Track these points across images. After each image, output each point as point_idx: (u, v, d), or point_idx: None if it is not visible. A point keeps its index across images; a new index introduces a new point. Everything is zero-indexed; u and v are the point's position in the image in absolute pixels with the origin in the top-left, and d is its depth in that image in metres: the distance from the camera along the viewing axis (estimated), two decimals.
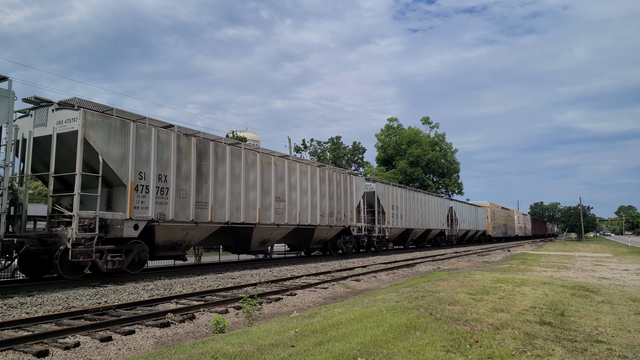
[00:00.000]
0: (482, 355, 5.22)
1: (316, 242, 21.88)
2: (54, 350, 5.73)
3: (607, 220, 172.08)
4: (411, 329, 6.14)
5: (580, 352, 5.66)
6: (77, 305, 8.66)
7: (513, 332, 6.42)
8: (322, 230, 21.33)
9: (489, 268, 17.69)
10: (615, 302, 9.35)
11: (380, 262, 20.00)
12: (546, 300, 9.23)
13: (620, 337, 6.52)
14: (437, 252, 29.03)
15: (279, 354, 4.98)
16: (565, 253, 30.21)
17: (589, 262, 21.26)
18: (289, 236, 20.10)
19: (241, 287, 11.21)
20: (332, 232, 22.35)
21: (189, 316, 7.83)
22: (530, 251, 33.42)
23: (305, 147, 60.28)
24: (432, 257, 24.01)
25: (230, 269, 15.97)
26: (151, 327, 7.12)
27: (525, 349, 5.60)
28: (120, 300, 9.30)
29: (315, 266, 17.57)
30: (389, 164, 68.09)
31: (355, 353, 5.02)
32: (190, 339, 6.66)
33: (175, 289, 10.84)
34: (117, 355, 5.83)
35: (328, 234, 22.20)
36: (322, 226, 20.94)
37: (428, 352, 5.18)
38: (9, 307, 8.36)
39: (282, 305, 9.50)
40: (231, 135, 49.68)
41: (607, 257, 25.38)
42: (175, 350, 5.25)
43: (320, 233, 21.40)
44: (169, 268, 16.84)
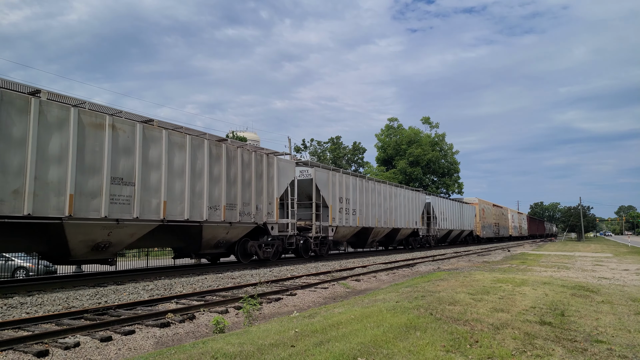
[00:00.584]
0: (482, 355, 5.22)
1: (211, 246, 15.98)
2: (54, 350, 5.73)
3: (607, 220, 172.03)
4: (411, 329, 6.14)
5: (581, 352, 5.65)
6: (77, 305, 8.66)
7: (513, 332, 6.42)
8: (216, 230, 15.45)
9: (489, 268, 17.69)
10: (615, 302, 9.35)
11: (380, 262, 19.99)
12: (546, 300, 9.23)
13: (620, 337, 6.52)
14: (437, 253, 29.01)
15: (279, 354, 4.98)
16: (565, 253, 30.20)
17: (589, 262, 21.26)
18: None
19: (241, 287, 11.21)
20: (236, 231, 16.47)
21: (189, 316, 7.83)
22: (530, 251, 33.42)
23: (305, 147, 60.30)
24: (432, 257, 24.01)
25: (230, 269, 15.97)
26: (151, 327, 7.12)
27: (525, 349, 5.60)
28: (120, 300, 9.30)
29: (315, 266, 17.58)
30: (389, 164, 68.10)
31: (356, 353, 5.02)
32: (190, 339, 6.66)
33: (175, 289, 10.84)
34: (117, 355, 5.83)
35: (230, 235, 16.23)
36: (214, 223, 15.12)
37: (428, 352, 5.18)
38: (9, 307, 8.36)
39: (282, 305, 9.50)
40: (231, 135, 49.70)
41: (607, 257, 25.38)
42: (176, 350, 5.25)
43: (214, 233, 15.52)
44: (169, 268, 16.84)
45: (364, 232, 25.99)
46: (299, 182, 21.09)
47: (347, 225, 23.59)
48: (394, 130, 69.63)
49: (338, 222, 22.57)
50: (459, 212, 43.06)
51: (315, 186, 21.23)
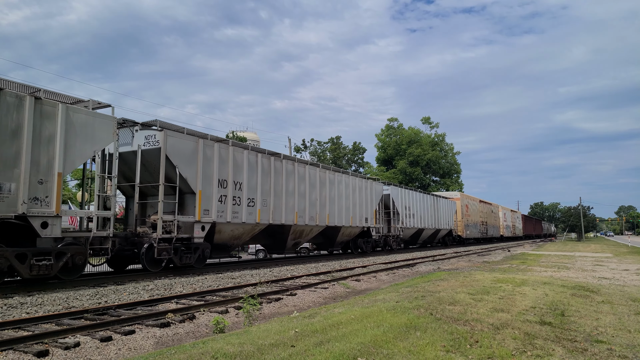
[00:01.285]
0: (482, 355, 5.22)
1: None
2: (54, 350, 5.73)
3: (607, 220, 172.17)
4: (411, 329, 6.14)
5: (581, 352, 5.65)
6: (77, 305, 8.66)
7: (513, 332, 6.42)
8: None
9: (489, 268, 17.68)
10: (616, 302, 9.35)
11: (380, 262, 19.99)
12: (546, 300, 9.23)
13: (621, 337, 6.52)
14: (437, 253, 29.00)
15: (279, 354, 4.98)
16: (565, 253, 30.20)
17: (589, 262, 21.26)
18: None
19: (241, 287, 11.21)
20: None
21: (189, 316, 7.83)
22: (530, 251, 33.43)
23: (305, 147, 60.31)
24: (432, 257, 24.01)
25: (230, 269, 15.96)
26: (151, 327, 7.12)
27: (525, 349, 5.60)
28: (120, 300, 9.30)
29: (315, 266, 17.57)
30: (389, 164, 68.15)
31: (356, 353, 5.02)
32: (190, 339, 6.66)
33: (175, 289, 10.84)
34: (117, 355, 5.83)
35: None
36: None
37: (428, 352, 5.18)
38: (9, 307, 8.36)
39: (282, 305, 9.50)
40: (231, 135, 49.69)
41: (607, 257, 25.37)
42: (176, 350, 5.25)
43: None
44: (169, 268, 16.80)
45: (279, 231, 19.18)
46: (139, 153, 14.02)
47: (238, 222, 16.32)
48: (394, 130, 69.69)
49: (216, 216, 15.35)
50: (433, 208, 36.17)
51: (166, 160, 13.84)
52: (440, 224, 37.86)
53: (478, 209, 49.83)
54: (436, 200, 37.32)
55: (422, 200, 34.00)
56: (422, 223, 33.67)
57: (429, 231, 35.70)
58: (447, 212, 39.61)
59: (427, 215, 34.82)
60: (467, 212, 45.35)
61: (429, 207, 35.27)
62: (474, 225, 47.27)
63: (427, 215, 34.66)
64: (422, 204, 34.05)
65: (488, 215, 54.66)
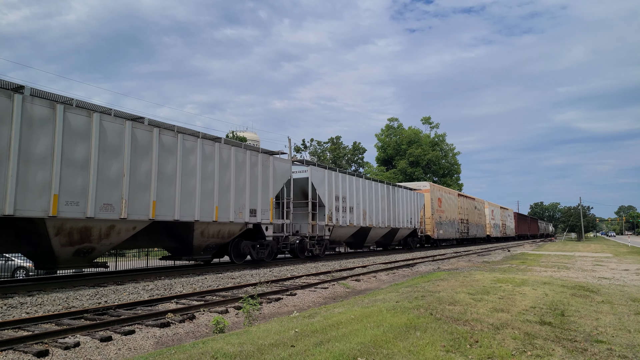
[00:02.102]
0: (482, 355, 5.22)
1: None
2: (54, 350, 5.73)
3: (607, 220, 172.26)
4: (411, 329, 6.14)
5: (581, 352, 5.65)
6: (77, 305, 8.66)
7: (513, 332, 6.42)
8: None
9: (489, 268, 17.69)
10: (615, 302, 9.35)
11: (380, 262, 20.00)
12: (546, 300, 9.23)
13: (620, 337, 6.52)
14: (437, 253, 29.00)
15: (279, 354, 4.98)
16: (565, 253, 30.21)
17: (589, 262, 21.27)
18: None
19: (241, 287, 11.21)
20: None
21: (189, 316, 7.83)
22: (530, 251, 33.44)
23: (305, 147, 60.34)
24: (432, 257, 24.02)
25: (230, 269, 15.97)
26: (151, 327, 7.12)
27: (525, 349, 5.60)
28: (120, 300, 9.30)
29: (315, 266, 17.59)
30: (389, 164, 68.19)
31: (355, 353, 5.02)
32: (190, 339, 6.66)
33: (175, 289, 10.84)
34: (117, 355, 5.83)
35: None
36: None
37: (428, 352, 5.18)
38: (9, 307, 8.36)
39: (282, 305, 9.50)
40: (231, 135, 49.71)
41: (607, 257, 25.38)
42: (175, 350, 5.25)
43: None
44: (169, 268, 16.83)
45: None
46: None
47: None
48: (394, 130, 69.72)
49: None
50: (387, 201, 27.78)
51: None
52: (399, 222, 29.24)
53: (456, 203, 41.72)
54: (393, 190, 28.80)
55: (367, 190, 25.51)
56: (367, 220, 25.15)
57: (381, 230, 27.15)
58: (410, 207, 31.21)
59: (377, 210, 26.34)
60: (440, 207, 37.21)
61: (379, 199, 26.80)
62: (450, 224, 39.23)
63: (376, 209, 26.19)
64: (368, 194, 25.56)
65: (470, 212, 46.48)
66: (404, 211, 30.33)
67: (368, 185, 25.91)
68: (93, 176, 11.47)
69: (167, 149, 13.67)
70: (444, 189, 40.92)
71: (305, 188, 21.13)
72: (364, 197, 25.25)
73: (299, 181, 21.28)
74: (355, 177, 24.74)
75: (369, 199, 25.76)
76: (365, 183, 25.72)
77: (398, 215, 29.36)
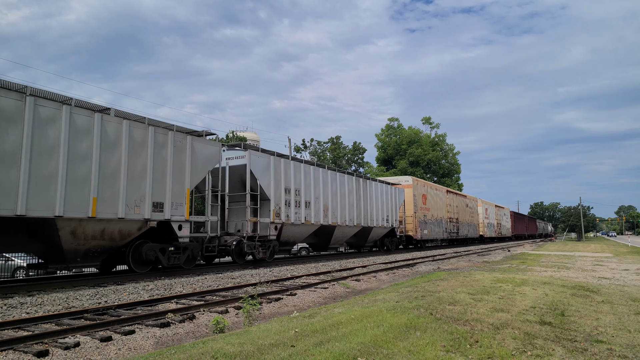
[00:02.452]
0: (482, 355, 5.22)
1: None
2: (54, 350, 5.73)
3: (607, 220, 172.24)
4: (411, 329, 6.14)
5: (581, 352, 5.65)
6: (77, 305, 8.66)
7: (513, 332, 6.42)
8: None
9: (489, 268, 17.69)
10: (616, 302, 9.35)
11: (380, 262, 20.00)
12: (546, 300, 9.23)
13: (620, 337, 6.52)
14: (437, 253, 28.99)
15: (279, 354, 4.98)
16: (565, 253, 30.21)
17: (589, 262, 21.27)
18: None
19: (241, 287, 11.21)
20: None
21: (189, 316, 7.83)
22: (530, 251, 33.44)
23: (305, 147, 60.32)
24: (432, 257, 24.02)
25: (230, 269, 15.97)
26: (151, 327, 7.12)
27: (525, 349, 5.60)
28: (120, 300, 9.30)
29: (315, 266, 17.58)
30: (389, 164, 68.19)
31: (356, 353, 5.02)
32: (190, 339, 6.66)
33: (175, 289, 10.84)
34: (117, 355, 5.83)
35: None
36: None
37: (428, 352, 5.18)
38: (9, 307, 8.36)
39: (282, 305, 9.50)
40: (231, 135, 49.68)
41: (607, 257, 25.38)
42: (176, 350, 5.24)
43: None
44: (169, 268, 16.81)
45: None
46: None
47: None
48: (394, 130, 69.75)
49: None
50: (357, 195, 24.44)
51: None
52: (373, 219, 25.90)
53: (444, 201, 38.41)
54: (364, 184, 25.30)
55: (330, 182, 21.91)
56: (330, 217, 21.59)
57: (349, 230, 23.77)
58: (387, 203, 27.90)
59: (343, 206, 22.86)
60: (425, 204, 33.69)
61: (347, 193, 23.34)
62: (437, 223, 35.95)
63: (342, 205, 22.72)
64: (332, 187, 22.01)
65: (461, 210, 43.14)
66: (378, 208, 26.77)
67: (331, 177, 22.17)
68: None
69: (6, 117, 9.91)
70: (430, 184, 37.04)
71: (245, 178, 17.47)
72: (326, 191, 21.50)
73: (237, 169, 17.65)
74: (313, 167, 20.94)
75: (333, 193, 22.06)
76: (328, 174, 21.92)
77: (371, 212, 25.80)
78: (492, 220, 56.14)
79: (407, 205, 31.52)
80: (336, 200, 22.36)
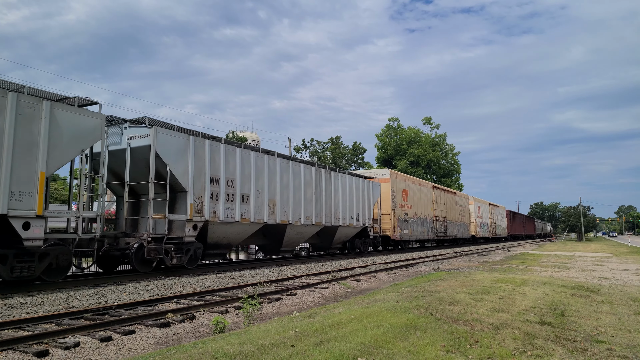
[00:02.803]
0: (482, 355, 5.22)
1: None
2: (54, 350, 5.73)
3: (607, 220, 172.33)
4: (411, 329, 6.14)
5: (581, 352, 5.65)
6: (77, 305, 8.66)
7: (513, 332, 6.42)
8: None
9: (489, 268, 17.69)
10: (616, 302, 9.35)
11: (380, 262, 20.01)
12: (546, 300, 9.23)
13: (621, 337, 6.52)
14: (437, 253, 28.99)
15: (279, 354, 4.98)
16: (565, 253, 30.20)
17: (589, 262, 21.26)
18: None
19: (241, 287, 11.21)
20: None
21: (189, 316, 7.83)
22: (531, 251, 33.44)
23: (305, 147, 60.32)
24: (432, 257, 24.02)
25: (230, 269, 15.96)
26: (151, 327, 7.12)
27: (525, 349, 5.60)
28: (120, 300, 9.30)
29: (315, 266, 17.58)
30: (389, 164, 68.18)
31: (356, 353, 5.02)
32: (190, 338, 6.66)
33: (175, 289, 10.84)
34: (117, 355, 5.83)
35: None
36: None
37: (428, 352, 5.18)
38: (9, 307, 8.36)
39: (282, 305, 9.50)
40: (231, 135, 49.69)
41: (607, 257, 25.38)
42: (176, 350, 5.24)
43: None
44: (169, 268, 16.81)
45: None
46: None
47: None
48: (394, 130, 69.77)
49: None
50: (318, 188, 20.98)
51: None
52: (338, 218, 22.35)
53: (429, 197, 34.73)
54: (327, 176, 21.79)
55: (279, 172, 18.41)
56: (278, 214, 18.18)
57: (305, 229, 20.22)
58: (358, 199, 24.39)
59: (297, 201, 19.37)
60: (406, 200, 30.08)
61: (303, 186, 19.79)
62: (420, 222, 32.53)
63: (295, 200, 19.25)
64: (280, 178, 18.48)
65: (450, 208, 39.52)
66: (346, 204, 23.16)
67: (281, 166, 18.59)
68: None
69: None
70: (413, 179, 33.41)
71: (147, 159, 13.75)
72: (273, 182, 17.98)
73: (140, 152, 13.98)
74: (255, 153, 17.31)
75: (283, 186, 18.60)
76: (276, 163, 18.28)
77: (336, 209, 22.25)
78: (486, 220, 53.04)
79: (384, 201, 28.15)
80: (287, 194, 18.81)
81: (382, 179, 28.65)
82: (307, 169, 20.47)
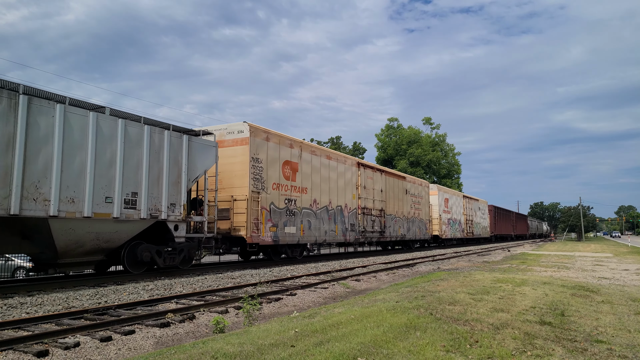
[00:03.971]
0: (482, 355, 5.22)
1: None
2: (54, 350, 5.73)
3: (607, 220, 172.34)
4: (411, 329, 6.14)
5: (580, 352, 5.65)
6: (77, 305, 8.65)
7: (513, 332, 6.42)
8: None
9: (489, 268, 17.69)
10: (615, 302, 9.35)
11: (380, 262, 20.02)
12: (546, 300, 9.23)
13: (620, 337, 6.52)
14: (437, 253, 28.99)
15: (279, 354, 4.98)
16: (565, 253, 30.20)
17: (589, 262, 21.26)
18: None
19: (241, 287, 11.21)
20: None
21: (189, 316, 7.83)
22: (530, 251, 33.44)
23: None
24: (432, 257, 24.02)
25: (230, 269, 15.96)
26: (151, 327, 7.12)
27: (525, 349, 5.60)
28: (120, 300, 9.30)
29: (315, 266, 17.58)
30: (389, 164, 68.18)
31: (355, 353, 5.02)
32: (190, 339, 6.66)
33: (175, 289, 10.84)
34: (117, 355, 5.83)
35: None
36: None
37: (428, 352, 5.18)
38: (9, 307, 8.36)
39: (282, 305, 9.50)
40: None
41: (607, 257, 25.38)
42: (175, 350, 5.25)
43: None
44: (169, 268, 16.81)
45: None
46: None
47: None
48: (394, 130, 69.76)
49: None
50: None
51: None
52: None
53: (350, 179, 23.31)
54: None
55: None
56: None
57: None
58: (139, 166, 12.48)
59: None
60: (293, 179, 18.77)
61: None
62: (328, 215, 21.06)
63: None
64: None
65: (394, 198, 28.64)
66: None
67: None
68: None
69: None
70: (312, 146, 20.97)
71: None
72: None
73: None
74: None
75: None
76: None
77: None
78: (458, 216, 41.84)
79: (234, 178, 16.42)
80: None
81: (231, 139, 16.83)
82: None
